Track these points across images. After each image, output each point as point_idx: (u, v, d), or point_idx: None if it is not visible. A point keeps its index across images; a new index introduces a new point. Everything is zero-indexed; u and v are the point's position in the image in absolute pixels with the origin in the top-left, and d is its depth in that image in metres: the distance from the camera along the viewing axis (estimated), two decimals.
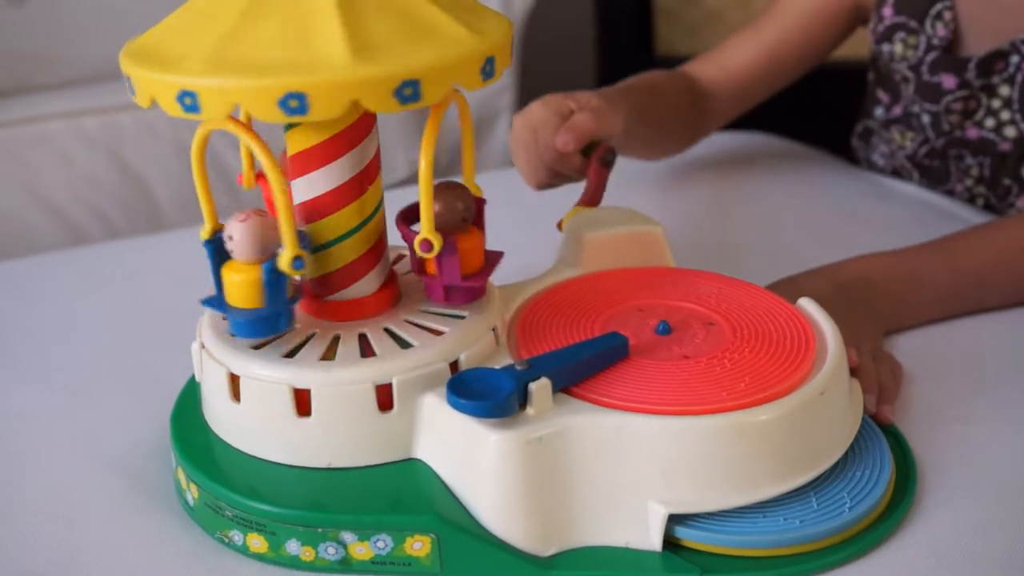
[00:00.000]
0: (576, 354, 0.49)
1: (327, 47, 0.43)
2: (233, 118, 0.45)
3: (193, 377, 0.56)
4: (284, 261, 0.47)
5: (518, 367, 0.48)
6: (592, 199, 0.64)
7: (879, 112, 0.91)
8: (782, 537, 0.47)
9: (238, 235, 0.47)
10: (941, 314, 0.67)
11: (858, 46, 0.94)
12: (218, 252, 0.49)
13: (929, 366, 0.62)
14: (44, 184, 1.02)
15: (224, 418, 0.51)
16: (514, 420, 0.46)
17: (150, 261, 0.82)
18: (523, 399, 0.47)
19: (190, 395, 0.55)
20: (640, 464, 0.46)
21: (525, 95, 1.51)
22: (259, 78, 0.42)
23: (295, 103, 0.42)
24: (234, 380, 0.49)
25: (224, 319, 0.52)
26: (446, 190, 0.51)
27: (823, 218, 0.85)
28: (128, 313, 0.72)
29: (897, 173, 0.92)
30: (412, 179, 1.16)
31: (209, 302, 0.49)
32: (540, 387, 0.47)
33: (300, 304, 0.53)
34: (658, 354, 0.51)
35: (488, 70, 0.46)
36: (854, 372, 0.56)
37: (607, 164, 0.65)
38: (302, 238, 0.49)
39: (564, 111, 0.65)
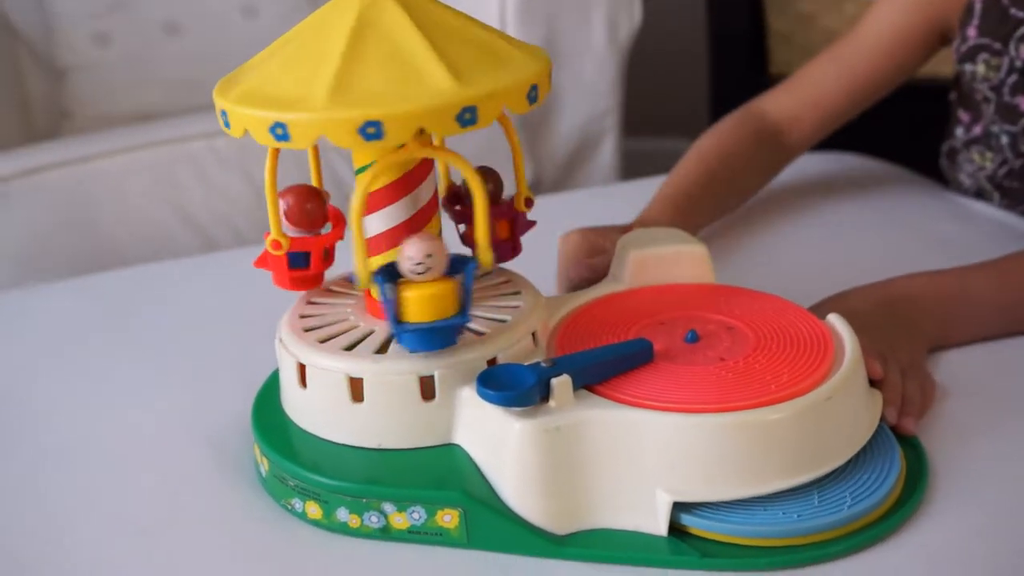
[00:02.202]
0: (599, 356, 0.54)
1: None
2: (430, 143, 0.52)
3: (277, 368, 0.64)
4: (486, 260, 0.53)
5: (543, 364, 0.53)
6: None
7: (960, 132, 0.92)
8: (778, 528, 0.50)
9: (439, 252, 0.52)
10: (990, 332, 0.69)
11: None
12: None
13: (968, 382, 0.64)
14: (184, 198, 1.14)
15: (294, 402, 0.59)
16: (537, 411, 0.52)
17: None
18: (546, 393, 0.52)
19: (273, 383, 0.63)
20: (650, 456, 0.51)
21: (637, 114, 1.54)
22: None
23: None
24: (302, 369, 0.57)
25: (299, 317, 0.60)
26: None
27: (898, 238, 0.86)
28: (246, 310, 0.80)
29: (980, 194, 0.92)
30: None
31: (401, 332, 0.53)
32: (561, 383, 0.52)
33: (366, 306, 0.60)
34: (692, 359, 0.56)
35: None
36: (878, 384, 0.59)
37: None
38: None
39: (596, 247, 0.72)
